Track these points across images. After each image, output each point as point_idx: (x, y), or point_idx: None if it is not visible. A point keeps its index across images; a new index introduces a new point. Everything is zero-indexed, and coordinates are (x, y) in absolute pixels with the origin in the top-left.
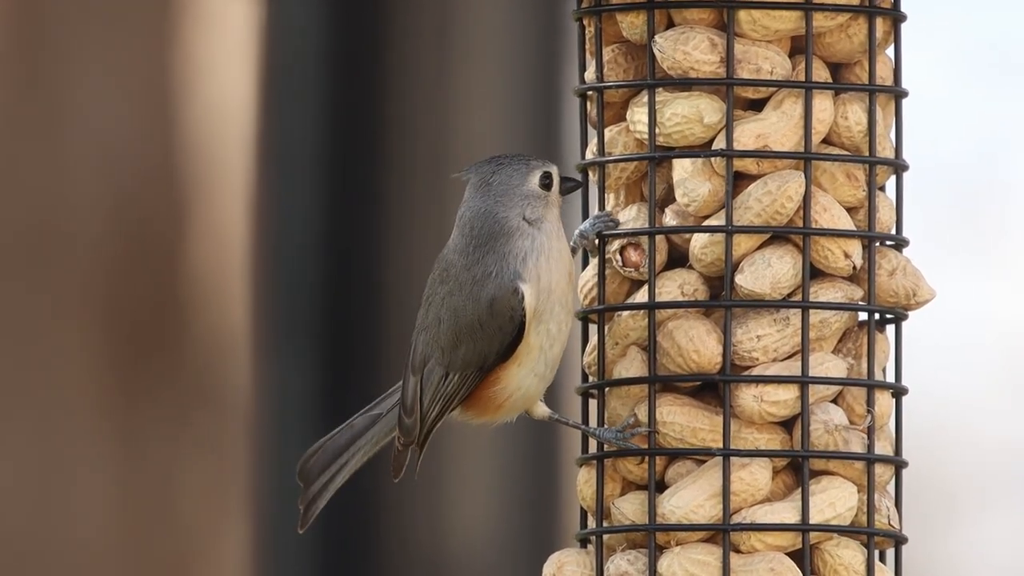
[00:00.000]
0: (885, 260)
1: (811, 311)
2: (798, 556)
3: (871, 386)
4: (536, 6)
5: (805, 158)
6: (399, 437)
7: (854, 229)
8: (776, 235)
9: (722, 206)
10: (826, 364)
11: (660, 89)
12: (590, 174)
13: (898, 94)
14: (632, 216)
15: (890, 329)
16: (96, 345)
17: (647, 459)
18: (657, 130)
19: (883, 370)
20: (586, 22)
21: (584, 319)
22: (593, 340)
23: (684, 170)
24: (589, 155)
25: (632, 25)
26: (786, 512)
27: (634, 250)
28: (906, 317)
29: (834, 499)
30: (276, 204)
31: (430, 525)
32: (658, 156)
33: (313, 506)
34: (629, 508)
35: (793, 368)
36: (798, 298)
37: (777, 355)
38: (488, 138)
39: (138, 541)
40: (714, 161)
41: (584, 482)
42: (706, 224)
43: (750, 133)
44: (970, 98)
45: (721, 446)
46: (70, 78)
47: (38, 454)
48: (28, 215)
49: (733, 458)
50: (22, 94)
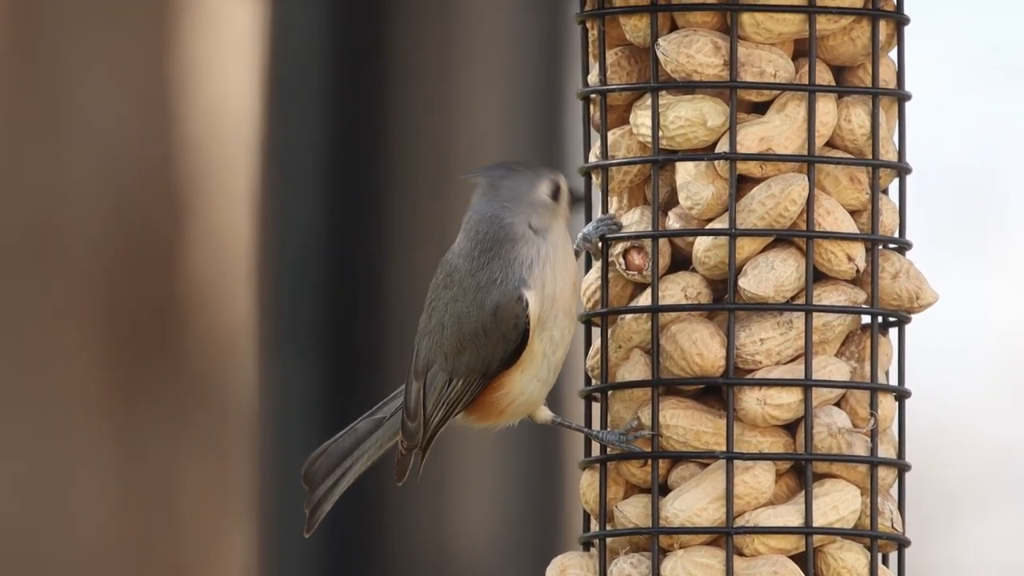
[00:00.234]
0: (888, 263)
1: (814, 314)
2: (801, 559)
3: (874, 389)
4: (539, 8)
5: (808, 161)
6: (402, 441)
7: (857, 232)
8: (779, 238)
9: (725, 209)
10: (829, 367)
11: (663, 92)
12: (593, 177)
13: (901, 97)
14: (635, 219)
15: (893, 332)
16: (96, 345)
17: (650, 462)
18: (660, 133)
19: (886, 373)
20: (589, 25)
21: (587, 322)
22: (596, 343)
23: (687, 173)
24: (592, 158)
25: (635, 28)
26: (789, 515)
27: (637, 253)
28: (909, 320)
29: (837, 502)
30: (277, 204)
31: (433, 528)
32: (661, 159)
33: (319, 510)
34: (632, 511)
35: (796, 371)
36: (801, 301)
37: (780, 358)
38: (490, 140)
39: (138, 541)
40: (717, 164)
41: (587, 485)
42: (709, 227)
43: (753, 136)
44: (973, 101)
45: (724, 449)
46: (70, 78)
47: (38, 454)
48: (28, 215)
49: (736, 461)
50: (22, 94)
